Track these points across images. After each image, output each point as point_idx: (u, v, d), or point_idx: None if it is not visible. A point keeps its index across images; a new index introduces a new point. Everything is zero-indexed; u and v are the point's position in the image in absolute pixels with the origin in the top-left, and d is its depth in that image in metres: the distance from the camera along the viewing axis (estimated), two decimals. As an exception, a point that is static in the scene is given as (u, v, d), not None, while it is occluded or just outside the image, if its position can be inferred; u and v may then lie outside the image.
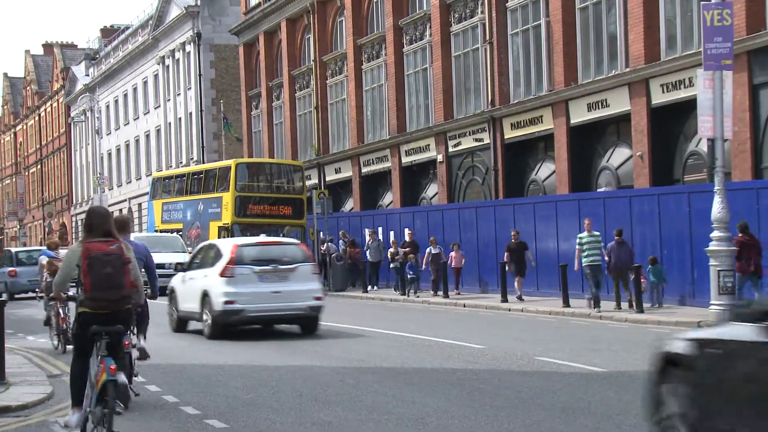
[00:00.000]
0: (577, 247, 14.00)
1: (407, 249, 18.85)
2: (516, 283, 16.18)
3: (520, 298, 15.93)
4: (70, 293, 5.49)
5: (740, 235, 12.84)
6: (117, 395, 4.73)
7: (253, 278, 11.16)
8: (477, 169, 22.06)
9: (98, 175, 42.23)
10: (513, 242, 16.36)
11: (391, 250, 19.45)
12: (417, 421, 6.08)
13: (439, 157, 22.71)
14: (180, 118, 36.88)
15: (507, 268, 16.09)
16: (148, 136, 40.81)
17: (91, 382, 4.95)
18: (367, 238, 20.94)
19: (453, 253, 17.82)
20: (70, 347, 8.25)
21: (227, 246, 11.74)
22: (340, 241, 21.83)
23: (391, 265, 19.35)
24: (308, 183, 25.45)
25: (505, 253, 16.34)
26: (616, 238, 14.16)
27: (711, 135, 11.81)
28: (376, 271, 20.68)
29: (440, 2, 22.31)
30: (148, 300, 6.47)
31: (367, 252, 20.63)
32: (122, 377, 4.85)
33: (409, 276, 18.17)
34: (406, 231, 19.63)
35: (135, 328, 6.19)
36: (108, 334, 4.95)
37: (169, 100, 37.92)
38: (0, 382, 7.74)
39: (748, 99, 14.56)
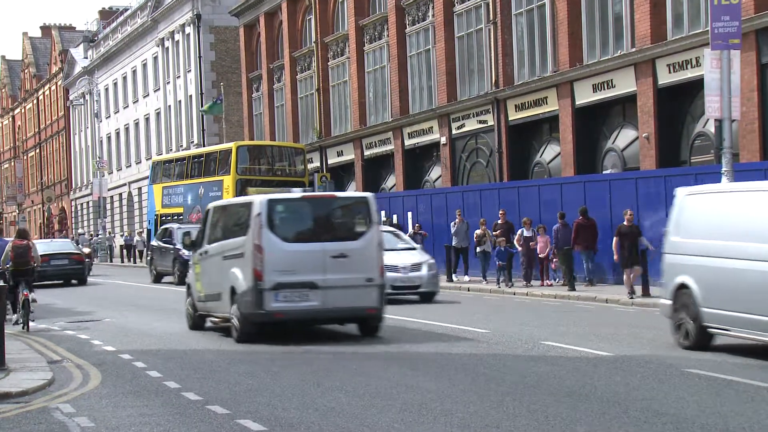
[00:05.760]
0: None
1: (498, 231, 16.19)
2: (628, 275, 12.90)
3: (632, 293, 12.74)
4: (8, 266, 11.57)
5: (580, 218, 14.99)
6: (30, 305, 11.35)
7: None
8: (481, 152, 21.89)
9: (97, 159, 42.08)
10: (625, 225, 13.06)
11: (478, 231, 16.53)
12: (420, 407, 6.01)
13: (443, 140, 22.53)
14: (180, 101, 36.66)
15: (615, 257, 13.15)
16: (147, 120, 40.61)
17: (20, 301, 11.45)
18: (456, 219, 17.59)
19: (539, 237, 15.53)
20: (32, 324, 11.52)
21: None
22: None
23: (477, 250, 16.47)
24: (310, 166, 25.30)
25: (614, 239, 13.18)
26: (560, 221, 15.10)
27: (718, 115, 11.65)
28: (465, 257, 17.35)
29: (443, -18, 22.03)
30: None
31: (454, 237, 17.42)
32: (32, 296, 11.45)
33: (498, 263, 15.60)
34: (500, 211, 16.77)
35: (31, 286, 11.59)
36: (25, 280, 11.46)
37: (168, 82, 37.67)
38: (0, 368, 7.67)
39: (756, 78, 14.37)
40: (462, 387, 6.72)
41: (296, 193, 10.10)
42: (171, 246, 19.89)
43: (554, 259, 15.43)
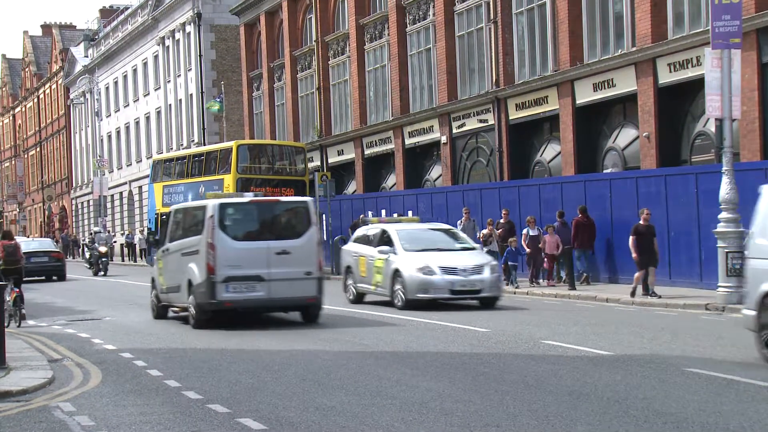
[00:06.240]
0: None
1: (500, 231, 15.89)
2: (641, 275, 12.57)
3: (653, 294, 12.42)
4: None
5: (579, 216, 15.09)
6: (21, 302, 11.80)
7: None
8: (481, 151, 21.89)
9: (98, 158, 42.09)
10: (642, 224, 12.67)
11: (484, 231, 16.15)
12: (421, 406, 6.01)
13: (443, 139, 22.52)
14: (180, 100, 36.67)
15: (634, 255, 12.66)
16: (148, 118, 40.63)
17: (8, 300, 11.06)
18: (463, 217, 17.32)
19: (547, 237, 15.06)
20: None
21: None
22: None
23: (484, 250, 15.66)
24: (310, 165, 25.28)
25: (631, 237, 12.69)
26: (558, 220, 15.17)
27: (719, 115, 11.65)
28: None
29: (443, -19, 22.02)
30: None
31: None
32: (21, 293, 11.92)
33: (510, 263, 15.34)
34: (503, 211, 16.59)
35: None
36: (14, 278, 11.90)
37: (169, 81, 37.68)
38: (0, 366, 7.67)
39: (757, 78, 14.36)
40: (462, 386, 6.72)
41: (245, 197, 11.40)
42: None
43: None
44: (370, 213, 21.57)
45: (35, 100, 56.69)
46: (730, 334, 9.32)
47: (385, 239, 13.14)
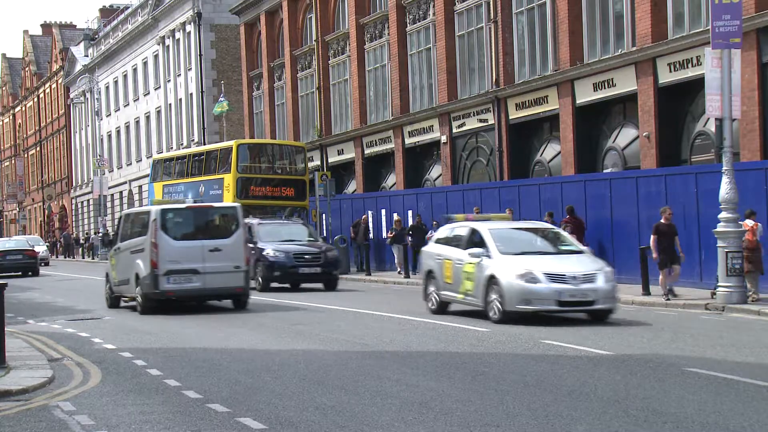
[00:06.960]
0: None
1: None
2: (665, 276, 12.23)
3: (671, 294, 12.18)
4: None
5: (568, 217, 14.87)
6: None
7: None
8: (481, 150, 21.89)
9: (98, 157, 42.09)
10: (664, 223, 12.29)
11: None
12: (421, 405, 6.01)
13: (443, 138, 22.53)
14: (180, 99, 36.67)
15: (654, 256, 12.38)
16: (148, 118, 40.63)
17: None
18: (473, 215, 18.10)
19: None
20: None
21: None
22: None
23: None
24: (310, 164, 25.30)
25: (652, 237, 12.35)
26: (548, 219, 15.01)
27: (719, 114, 11.65)
28: None
29: (444, -20, 22.02)
30: None
31: None
32: None
33: None
34: (507, 210, 16.33)
35: None
36: None
37: (169, 80, 37.69)
38: (0, 366, 7.67)
39: (757, 78, 14.36)
40: (462, 386, 6.72)
41: (183, 203, 13.62)
42: (251, 245, 16.02)
43: None
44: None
45: (35, 99, 56.68)
46: (730, 334, 9.33)
47: (475, 240, 11.04)
